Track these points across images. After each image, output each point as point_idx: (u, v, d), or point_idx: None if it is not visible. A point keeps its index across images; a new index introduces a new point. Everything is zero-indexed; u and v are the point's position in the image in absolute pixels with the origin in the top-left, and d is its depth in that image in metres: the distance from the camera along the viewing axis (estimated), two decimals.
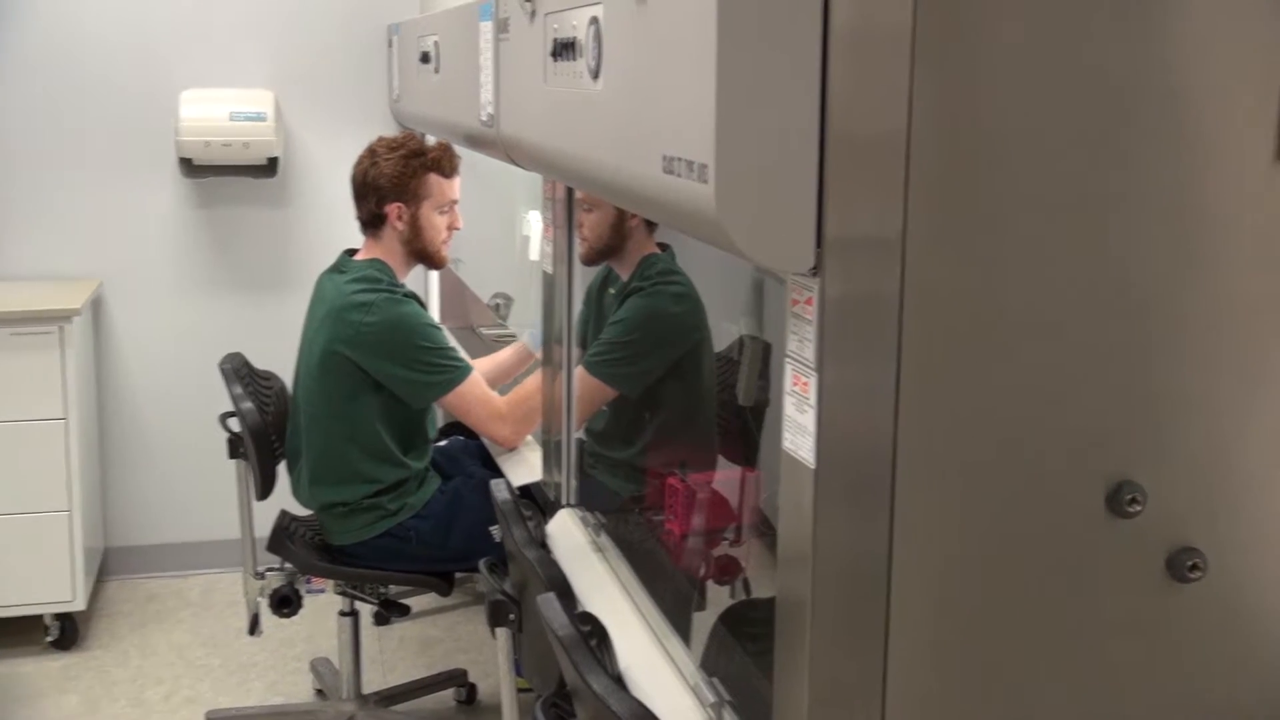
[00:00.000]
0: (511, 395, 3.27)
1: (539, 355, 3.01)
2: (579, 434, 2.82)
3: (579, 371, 2.88)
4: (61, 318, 4.02)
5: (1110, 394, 1.39)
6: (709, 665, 2.03)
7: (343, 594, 3.47)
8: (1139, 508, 1.40)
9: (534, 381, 3.20)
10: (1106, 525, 1.40)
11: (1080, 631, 1.43)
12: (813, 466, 1.31)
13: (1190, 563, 1.42)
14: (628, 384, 2.99)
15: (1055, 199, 1.33)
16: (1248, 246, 1.41)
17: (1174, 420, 1.42)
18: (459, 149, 3.33)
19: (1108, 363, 1.38)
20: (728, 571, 2.53)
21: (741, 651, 2.07)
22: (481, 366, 3.44)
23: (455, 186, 3.36)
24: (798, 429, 1.34)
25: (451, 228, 3.36)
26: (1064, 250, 1.35)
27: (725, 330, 2.92)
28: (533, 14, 2.05)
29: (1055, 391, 1.37)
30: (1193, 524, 1.44)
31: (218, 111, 4.35)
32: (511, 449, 3.28)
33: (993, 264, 1.33)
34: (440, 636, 4.26)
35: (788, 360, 1.36)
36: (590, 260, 3.01)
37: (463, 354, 3.33)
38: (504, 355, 3.62)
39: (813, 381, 1.31)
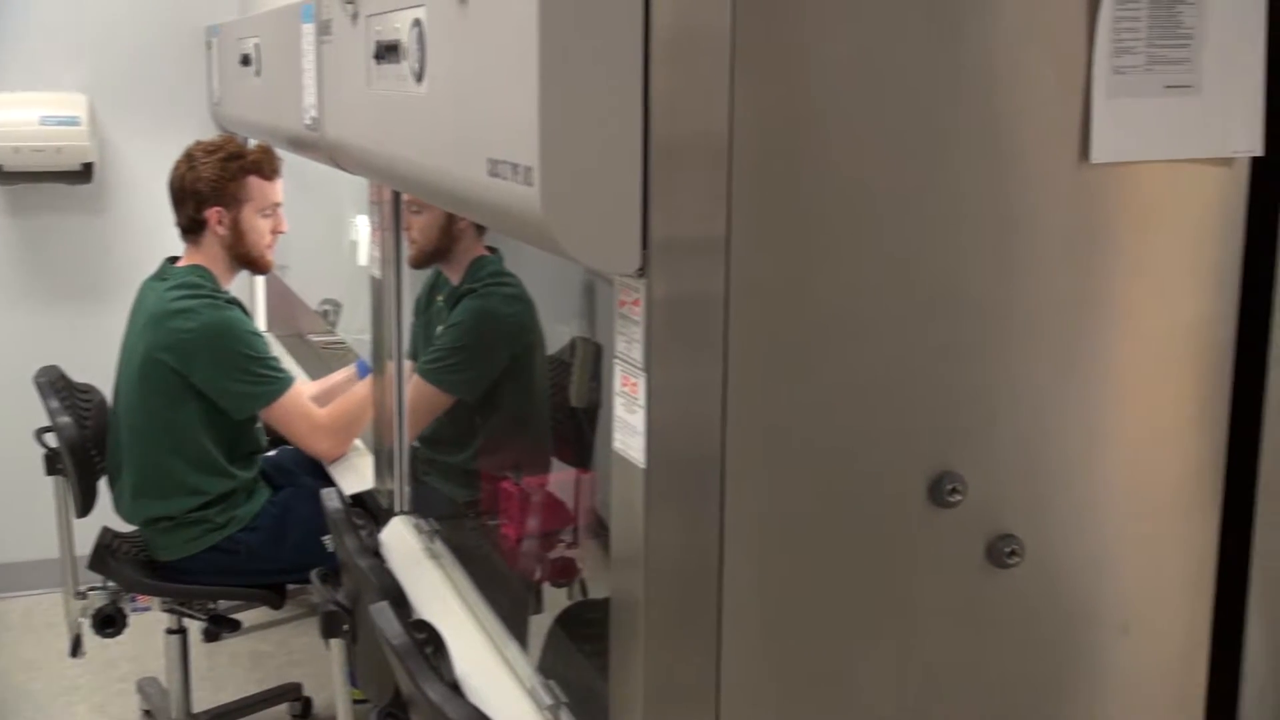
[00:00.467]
0: (333, 408, 3.21)
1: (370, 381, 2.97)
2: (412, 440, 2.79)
3: (414, 380, 2.85)
4: None
5: (930, 389, 1.43)
6: (546, 668, 2.03)
7: (169, 611, 3.37)
8: (959, 498, 1.44)
9: (357, 394, 3.16)
10: (929, 515, 1.44)
11: (906, 619, 1.47)
12: (643, 466, 1.32)
13: (1009, 549, 1.47)
14: (465, 389, 2.97)
15: (874, 199, 1.37)
16: (1057, 245, 1.46)
17: (992, 413, 1.47)
18: (282, 152, 3.27)
19: (927, 359, 1.42)
20: (564, 573, 2.53)
21: (579, 653, 2.08)
22: (311, 389, 3.39)
23: (277, 189, 3.29)
24: (628, 429, 1.35)
25: (275, 231, 3.30)
26: (883, 250, 1.38)
27: (558, 332, 2.92)
28: (355, 16, 2.02)
29: (877, 387, 1.40)
30: (1010, 512, 1.49)
31: (28, 116, 4.20)
32: (331, 462, 3.22)
33: (815, 263, 1.36)
34: (273, 651, 4.18)
35: (617, 361, 1.37)
36: (419, 263, 2.98)
37: (286, 364, 3.27)
38: (336, 377, 3.56)
39: (641, 382, 1.32)
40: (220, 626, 3.37)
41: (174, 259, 3.28)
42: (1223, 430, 1.58)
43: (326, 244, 4.50)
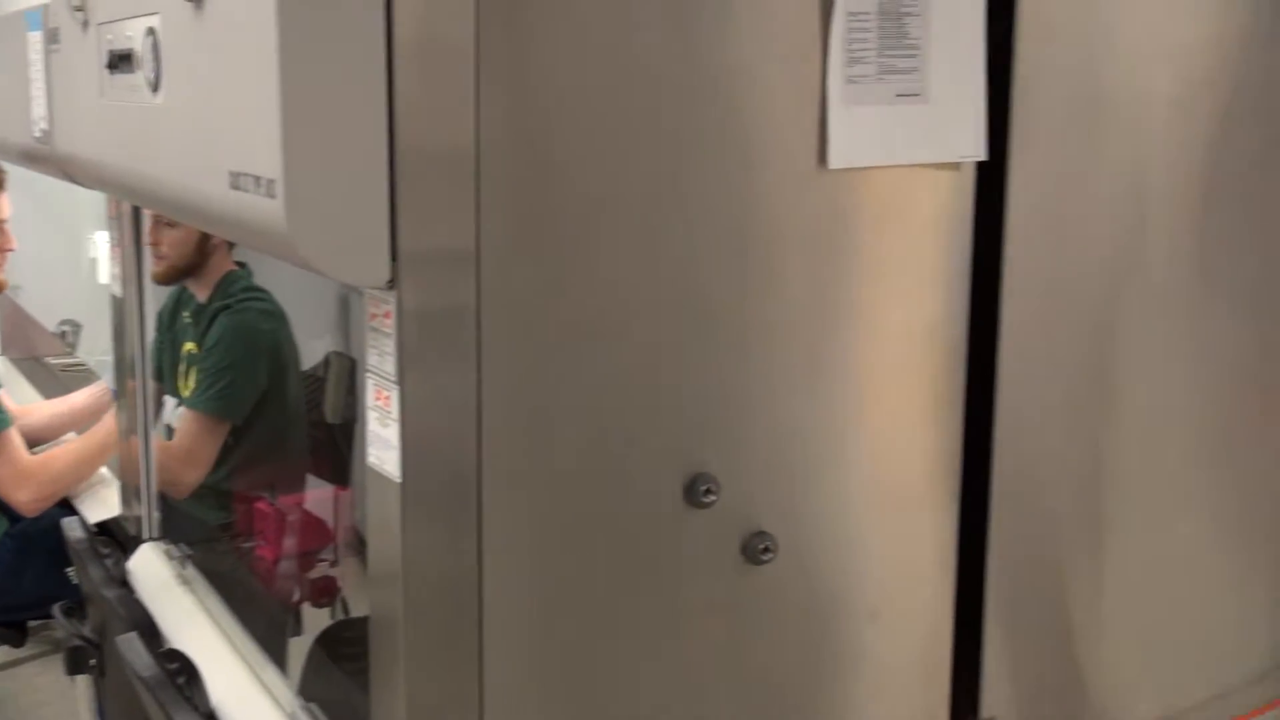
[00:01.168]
0: (45, 457, 3.06)
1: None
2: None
3: (188, 417, 2.74)
4: None
5: (682, 392, 1.46)
6: (308, 691, 1.98)
7: None
8: (714, 497, 1.47)
9: (75, 448, 3.01)
10: (685, 516, 1.47)
11: (668, 621, 1.49)
12: (398, 481, 1.30)
13: (763, 546, 1.51)
14: (239, 409, 2.87)
15: (619, 205, 1.38)
16: (798, 249, 1.51)
17: (742, 414, 1.50)
18: (10, 165, 3.11)
19: (677, 363, 1.45)
20: (325, 593, 2.47)
21: (340, 673, 2.04)
22: (54, 408, 3.23)
23: (3, 204, 3.13)
24: (382, 443, 1.33)
25: (3, 249, 3.13)
26: (631, 255, 1.40)
27: (312, 348, 2.86)
28: (85, 24, 1.94)
29: (630, 392, 1.42)
30: (763, 510, 1.52)
31: None
32: (30, 515, 3.05)
33: (565, 270, 1.37)
34: (16, 691, 3.97)
35: (369, 374, 1.35)
36: (168, 279, 2.88)
37: (23, 391, 3.11)
38: (78, 397, 3.40)
39: (394, 394, 1.30)
40: None
41: None
42: (959, 425, 1.66)
43: (64, 262, 4.30)
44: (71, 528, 2.33)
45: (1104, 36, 1.70)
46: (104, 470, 3.10)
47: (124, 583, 2.26)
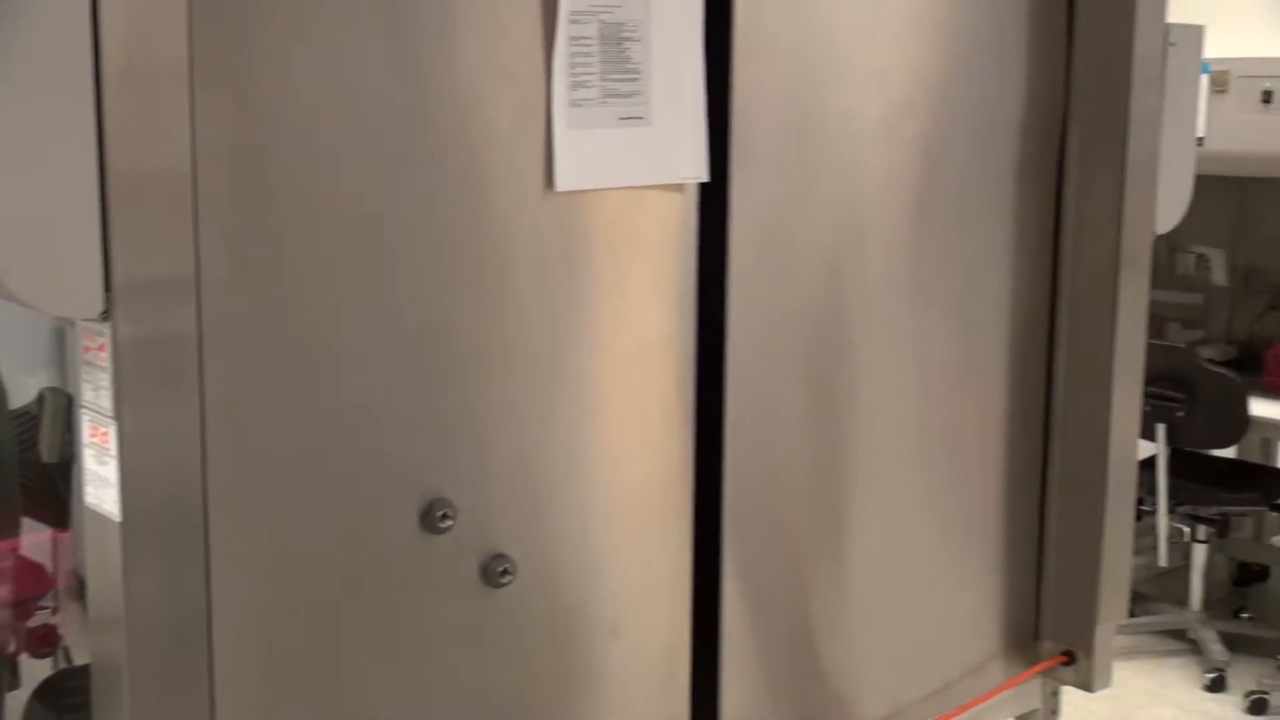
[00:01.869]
0: None
1: None
2: None
3: None
4: None
5: (417, 417, 1.44)
6: None
7: None
8: (450, 522, 1.46)
9: None
10: (422, 542, 1.46)
11: (408, 648, 1.47)
12: (118, 520, 1.25)
13: (501, 568, 1.51)
14: None
15: (348, 232, 1.36)
16: (530, 271, 1.52)
17: (478, 437, 1.50)
18: None
19: (412, 387, 1.43)
20: (46, 642, 2.34)
21: None
22: None
23: None
24: (100, 482, 1.27)
25: None
26: (360, 280, 1.38)
27: (24, 383, 2.71)
28: None
29: (362, 420, 1.40)
30: (501, 532, 1.52)
31: None
32: None
33: (292, 296, 1.34)
34: None
35: (84, 410, 1.29)
36: None
37: None
38: None
39: (112, 430, 1.25)
40: None
41: None
42: (691, 437, 1.69)
43: None
44: None
45: (816, 61, 1.77)
46: None
47: None
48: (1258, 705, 3.87)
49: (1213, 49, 3.74)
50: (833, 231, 1.84)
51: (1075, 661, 2.24)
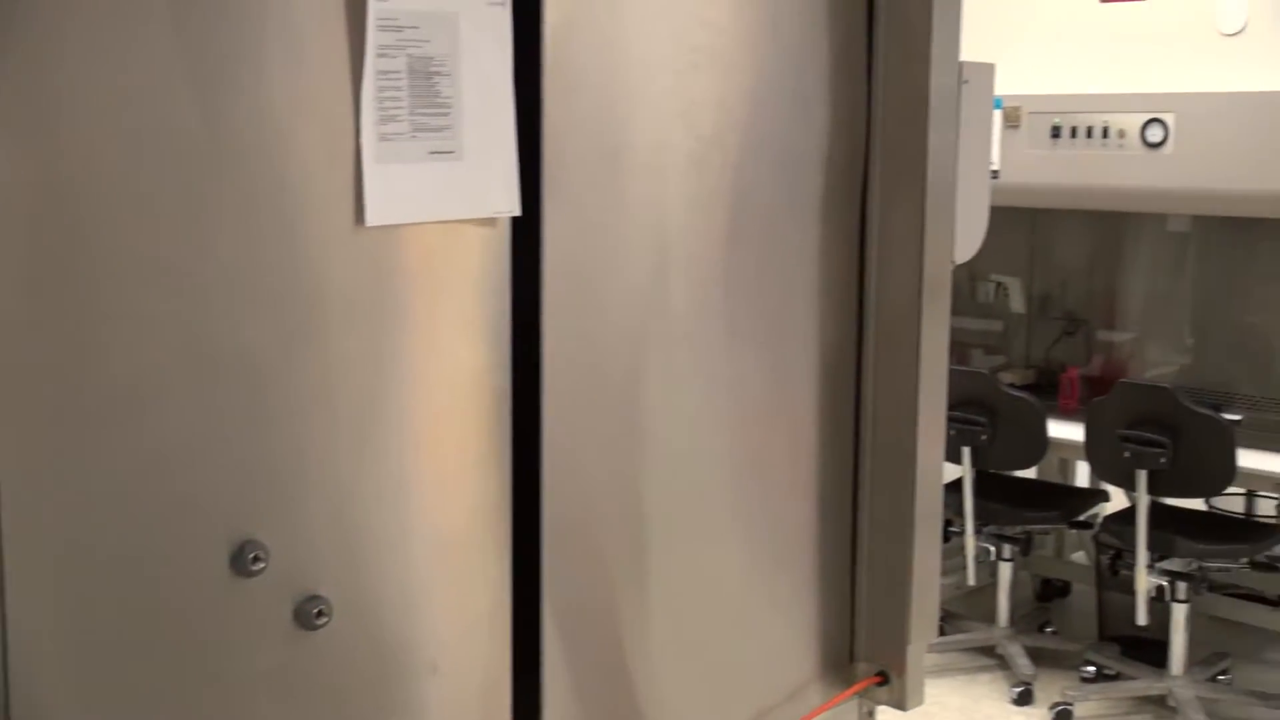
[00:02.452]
0: None
1: None
2: None
3: None
4: None
5: (226, 460, 1.41)
6: None
7: None
8: (262, 565, 1.43)
9: None
10: (233, 587, 1.42)
11: (221, 695, 1.43)
12: None
13: (316, 610, 1.48)
14: None
15: (151, 270, 1.32)
16: (343, 308, 1.50)
17: (292, 478, 1.47)
18: None
19: (221, 430, 1.40)
20: None
21: None
22: None
23: None
24: None
25: None
26: (165, 322, 1.34)
27: None
28: None
29: (169, 464, 1.36)
30: (317, 572, 1.50)
31: None
32: None
33: (93, 341, 1.29)
34: None
35: None
36: None
37: None
38: None
39: None
40: None
41: None
42: (508, 471, 1.69)
43: None
44: None
45: (625, 94, 1.80)
46: None
47: None
48: (1062, 716, 4.01)
49: (1005, 86, 3.90)
50: (645, 263, 1.86)
51: (889, 681, 2.29)
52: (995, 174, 4.14)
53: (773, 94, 2.02)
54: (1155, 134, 3.93)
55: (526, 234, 1.68)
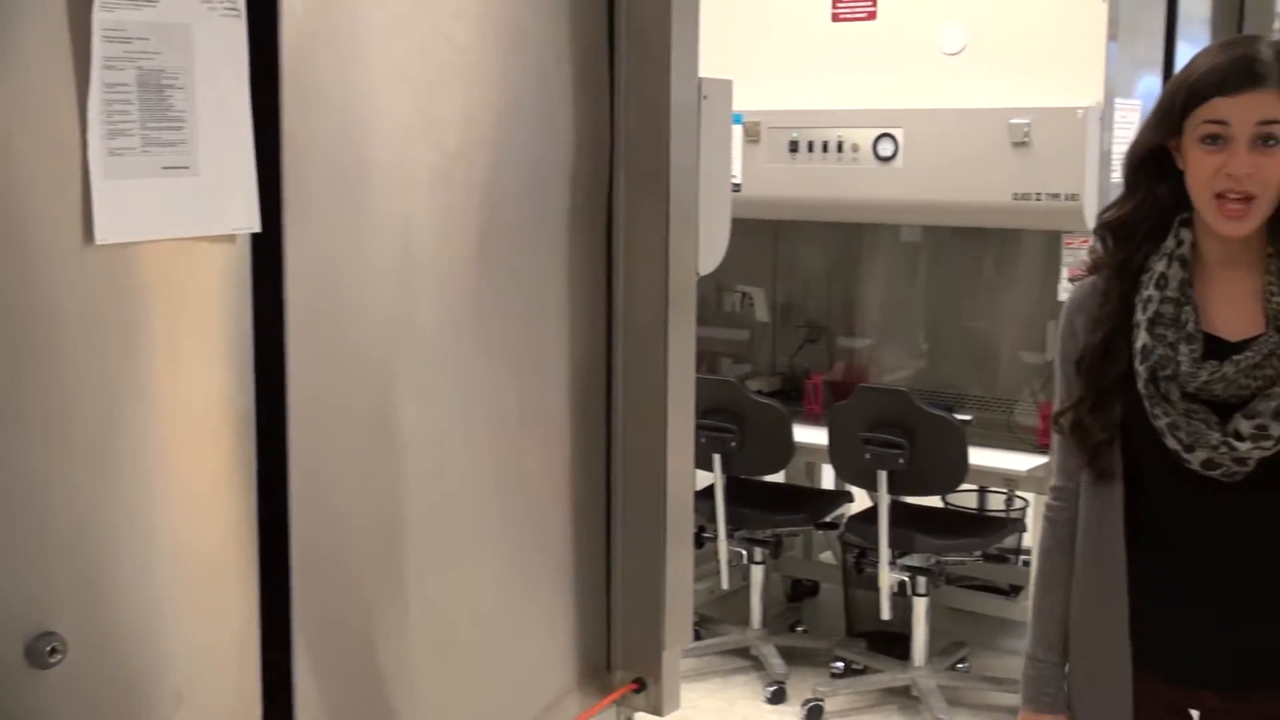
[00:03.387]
0: None
1: None
2: None
3: None
4: None
5: None
6: None
7: None
8: None
9: None
10: None
11: None
12: None
13: (49, 647, 1.41)
14: None
15: None
16: (75, 331, 1.44)
17: (27, 509, 1.40)
18: None
19: None
20: None
21: None
22: None
23: None
24: None
25: None
26: None
27: None
28: None
29: None
30: (50, 607, 1.43)
31: None
32: None
33: None
34: None
35: None
36: None
37: None
38: None
39: None
40: None
41: None
42: (252, 496, 1.65)
43: None
44: None
45: (367, 110, 1.78)
46: None
47: None
48: (814, 712, 4.14)
49: (745, 102, 4.01)
50: (391, 280, 1.84)
51: (646, 688, 2.32)
52: (737, 187, 4.25)
53: (518, 110, 2.03)
54: (886, 148, 4.10)
55: (268, 251, 1.64)
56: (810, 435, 4.28)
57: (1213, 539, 1.89)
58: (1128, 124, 3.80)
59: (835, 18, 4.26)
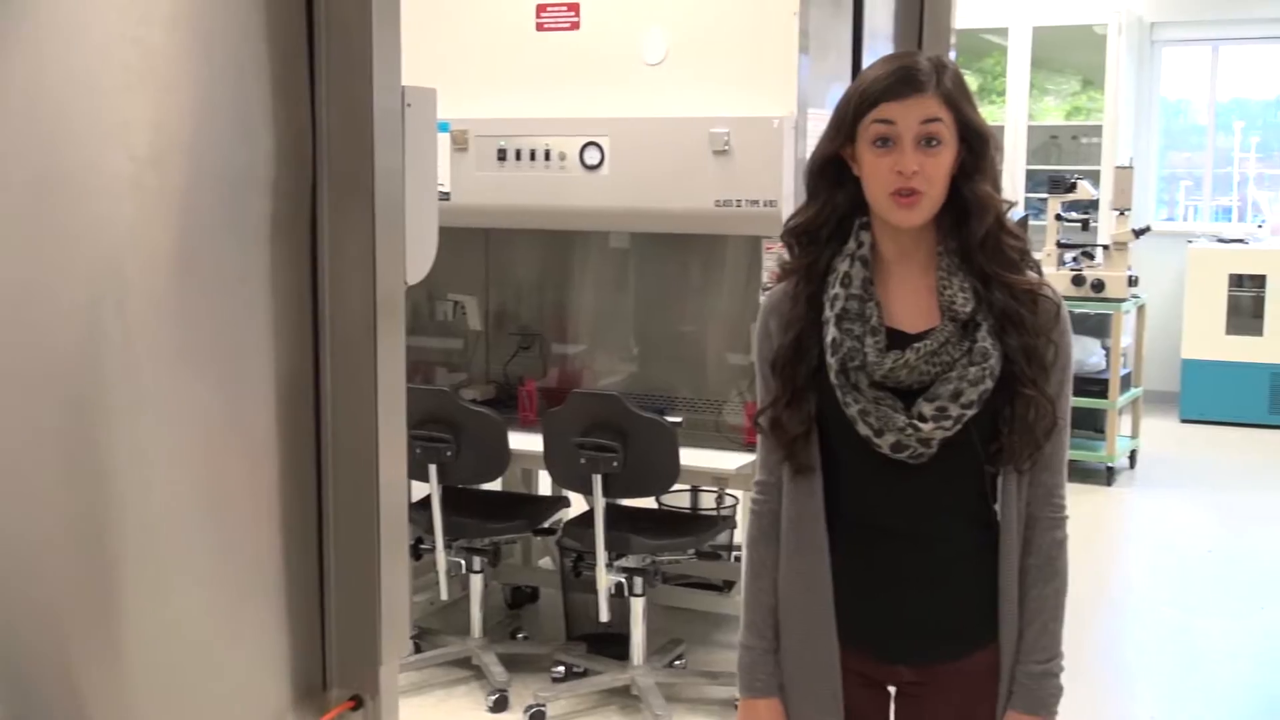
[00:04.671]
0: None
1: None
2: None
3: None
4: None
5: None
6: None
7: None
8: None
9: None
10: None
11: None
12: None
13: None
14: None
15: None
16: None
17: None
18: None
19: None
20: None
21: None
22: None
23: None
24: None
25: None
26: None
27: None
28: None
29: None
30: None
31: None
32: None
33: None
34: None
35: None
36: None
37: None
38: None
39: None
40: None
41: None
42: None
43: None
44: None
45: (51, 115, 1.69)
46: None
47: None
48: (537, 717, 4.16)
49: (452, 110, 4.00)
50: (83, 292, 1.76)
51: (363, 705, 2.29)
52: (446, 195, 4.23)
53: (213, 115, 1.97)
54: (593, 156, 4.16)
55: None
56: (526, 442, 4.30)
57: (904, 519, 2.03)
58: (819, 133, 3.97)
59: (539, 27, 4.30)
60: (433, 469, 4.24)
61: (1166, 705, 4.44)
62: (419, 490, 4.32)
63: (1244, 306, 8.52)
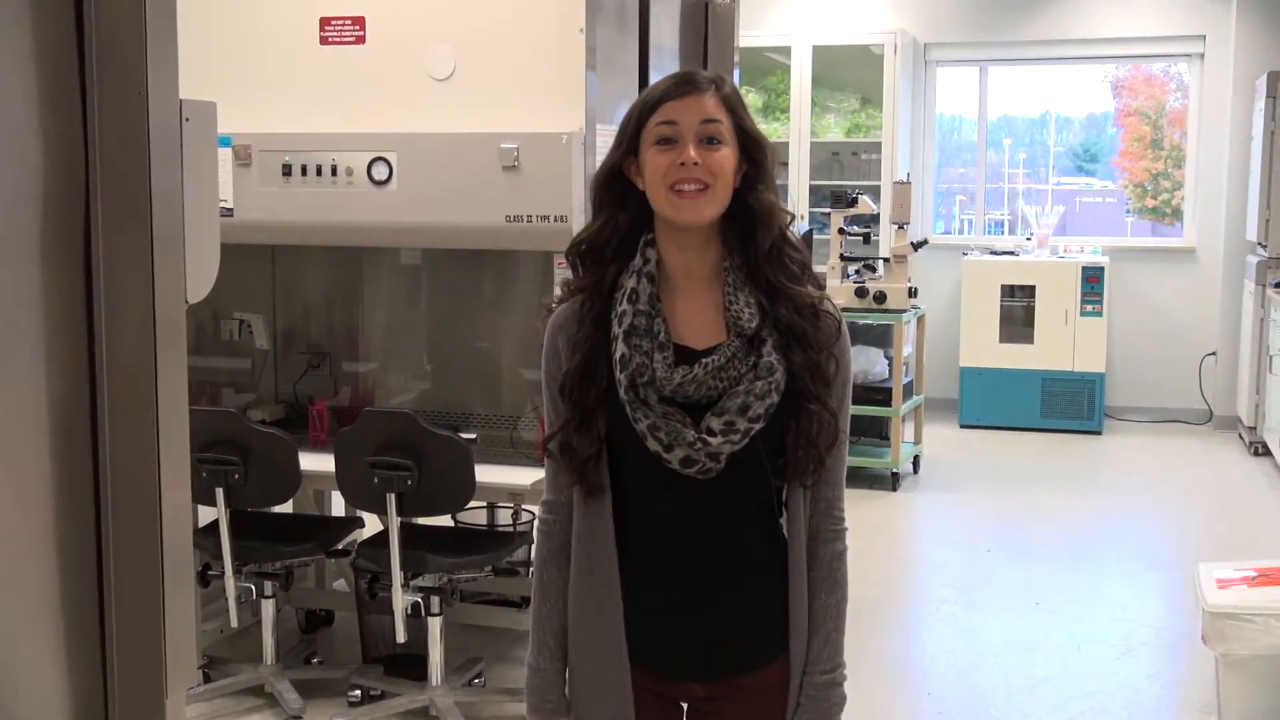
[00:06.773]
0: None
1: None
2: None
3: None
4: None
5: None
6: None
7: None
8: None
9: None
10: None
11: None
12: None
13: None
14: None
15: None
16: None
17: None
18: None
19: None
20: None
21: None
22: None
23: None
24: None
25: None
26: None
27: None
28: None
29: None
30: None
31: None
32: None
33: None
34: None
35: None
36: None
37: None
38: None
39: None
40: None
41: None
42: None
43: None
44: None
45: None
46: None
47: None
48: None
49: (235, 125, 3.91)
50: None
51: None
52: (228, 211, 4.13)
53: None
54: (381, 172, 4.11)
55: None
56: (317, 463, 4.22)
57: (693, 535, 2.05)
58: (608, 148, 4.01)
59: (324, 40, 4.24)
60: (220, 492, 4.13)
61: (953, 703, 4.60)
62: (206, 515, 4.20)
63: (1016, 316, 8.92)
